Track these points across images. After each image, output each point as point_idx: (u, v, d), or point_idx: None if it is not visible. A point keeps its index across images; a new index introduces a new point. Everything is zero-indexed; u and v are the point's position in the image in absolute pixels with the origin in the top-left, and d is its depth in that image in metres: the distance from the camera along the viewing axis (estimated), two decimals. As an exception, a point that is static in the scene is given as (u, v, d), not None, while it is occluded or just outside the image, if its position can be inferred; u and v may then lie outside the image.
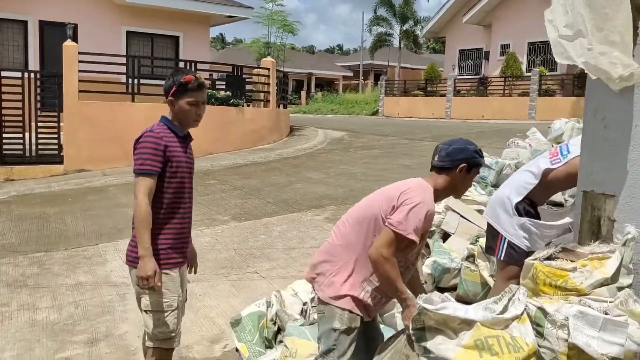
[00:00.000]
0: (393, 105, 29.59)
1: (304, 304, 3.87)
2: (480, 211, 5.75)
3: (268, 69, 15.25)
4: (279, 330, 3.74)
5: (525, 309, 1.95)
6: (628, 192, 2.31)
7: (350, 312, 2.56)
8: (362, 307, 2.57)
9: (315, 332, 3.47)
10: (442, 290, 4.73)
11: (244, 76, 15.21)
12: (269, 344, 3.69)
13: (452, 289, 4.79)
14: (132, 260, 2.95)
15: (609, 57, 2.25)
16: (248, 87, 15.57)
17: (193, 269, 3.37)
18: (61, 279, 5.78)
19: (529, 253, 3.32)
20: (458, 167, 2.59)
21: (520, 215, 3.29)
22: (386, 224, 2.48)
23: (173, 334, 2.98)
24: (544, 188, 3.28)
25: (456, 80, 26.87)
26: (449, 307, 1.91)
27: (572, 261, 2.29)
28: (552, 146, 8.02)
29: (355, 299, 2.55)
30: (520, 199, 3.30)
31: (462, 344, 1.84)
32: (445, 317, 1.87)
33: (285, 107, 17.53)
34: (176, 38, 17.63)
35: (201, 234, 7.19)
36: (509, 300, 2.01)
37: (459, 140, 2.71)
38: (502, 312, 1.96)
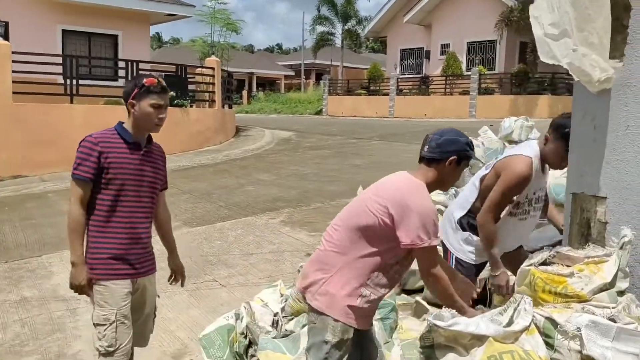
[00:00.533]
0: (337, 104, 29.66)
1: (275, 314, 3.71)
2: (440, 211, 5.74)
3: (213, 68, 14.90)
4: (250, 344, 3.56)
5: (532, 319, 1.86)
6: (621, 194, 2.28)
7: (344, 323, 2.41)
8: (358, 317, 2.43)
9: (289, 344, 3.32)
10: (408, 292, 4.67)
11: (187, 76, 14.79)
12: (240, 359, 3.50)
13: (419, 291, 4.73)
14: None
15: (589, 59, 2.20)
16: (192, 87, 15.16)
17: (180, 282, 3.35)
18: (3, 295, 5.37)
19: (478, 266, 3.37)
20: (448, 159, 2.45)
21: (464, 229, 3.34)
22: (415, 246, 2.32)
23: (111, 349, 2.84)
24: (483, 198, 3.23)
25: (399, 80, 27.20)
26: (460, 322, 1.80)
27: (567, 266, 2.23)
28: (504, 144, 8.16)
29: (352, 308, 2.41)
30: (463, 213, 3.36)
31: (475, 362, 1.73)
32: (456, 333, 1.77)
33: (230, 107, 17.20)
34: (115, 37, 16.96)
35: (152, 241, 6.85)
36: (514, 310, 1.92)
37: (450, 130, 2.56)
38: (509, 323, 1.87)
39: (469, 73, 24.52)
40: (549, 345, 1.89)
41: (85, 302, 5.09)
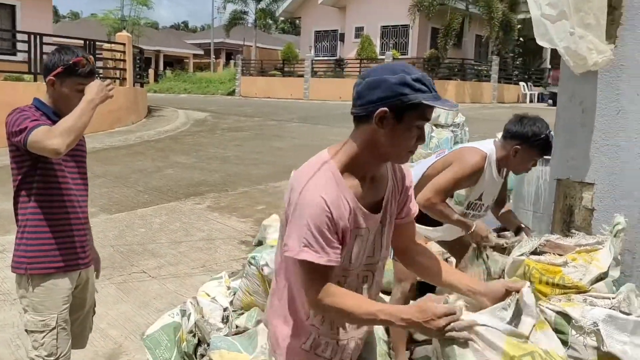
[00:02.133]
0: (250, 85, 29.09)
1: (225, 309, 3.43)
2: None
3: (124, 44, 14.01)
4: (200, 343, 3.27)
5: (537, 311, 1.73)
6: (610, 181, 2.22)
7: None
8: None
9: (245, 342, 3.07)
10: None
11: (96, 52, 13.82)
12: (189, 359, 3.21)
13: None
14: (16, 266, 2.49)
15: (586, 41, 2.12)
16: (100, 64, 14.18)
17: (95, 273, 2.87)
18: None
19: None
20: (374, 114, 1.52)
21: None
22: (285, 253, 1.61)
23: (52, 358, 2.49)
24: (421, 187, 3.05)
25: (313, 62, 27.05)
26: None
27: (560, 255, 2.15)
28: (432, 128, 8.24)
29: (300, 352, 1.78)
30: None
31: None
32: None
33: (142, 85, 16.31)
34: (12, 7, 15.51)
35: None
36: (516, 304, 1.79)
37: (379, 67, 1.60)
38: (515, 317, 1.73)
39: (383, 57, 24.79)
40: (563, 342, 1.78)
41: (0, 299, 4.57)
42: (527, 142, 2.78)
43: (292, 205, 1.57)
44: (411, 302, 3.15)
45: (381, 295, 3.82)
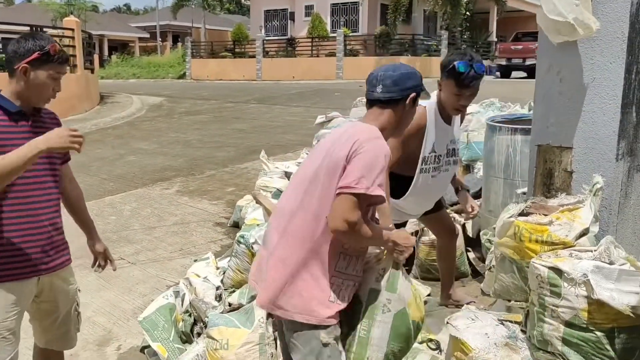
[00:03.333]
0: (201, 67, 28.68)
1: (217, 288, 3.51)
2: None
3: (72, 29, 13.60)
4: (195, 322, 3.35)
5: None
6: (587, 144, 2.40)
7: (327, 326, 2.01)
8: (338, 312, 2.04)
9: (242, 318, 3.16)
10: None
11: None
12: (186, 338, 3.29)
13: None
14: None
15: (584, 15, 2.26)
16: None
17: (111, 265, 2.98)
18: None
19: (397, 225, 3.13)
20: (409, 97, 2.10)
21: None
22: (340, 187, 1.91)
23: None
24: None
25: (264, 42, 26.86)
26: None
27: (545, 215, 2.32)
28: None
29: (331, 305, 2.01)
30: None
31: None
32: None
33: (92, 72, 15.88)
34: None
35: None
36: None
37: (399, 65, 2.22)
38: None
39: (334, 35, 24.84)
40: (556, 294, 1.96)
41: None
42: (443, 73, 2.84)
43: (363, 152, 1.94)
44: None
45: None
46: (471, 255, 4.41)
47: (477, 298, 3.82)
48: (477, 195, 4.53)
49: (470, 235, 4.46)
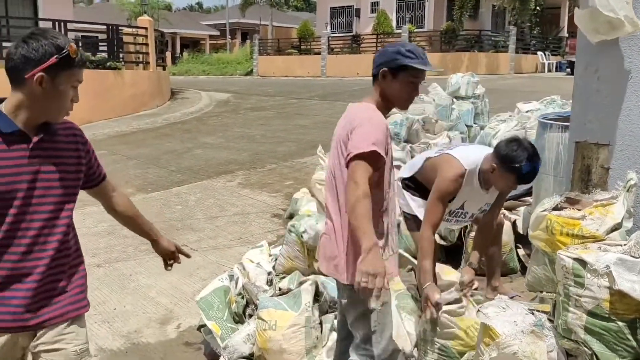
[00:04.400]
0: (268, 64, 29.26)
1: (269, 273, 3.73)
2: (397, 167, 5.89)
3: (146, 28, 14.28)
4: (247, 304, 3.58)
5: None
6: (624, 141, 2.44)
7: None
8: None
9: (290, 301, 3.36)
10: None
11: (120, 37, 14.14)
12: (239, 319, 3.52)
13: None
14: None
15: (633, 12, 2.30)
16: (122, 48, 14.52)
17: (183, 256, 2.53)
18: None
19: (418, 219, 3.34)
20: (380, 73, 2.26)
21: (406, 189, 3.48)
22: (345, 157, 2.17)
23: None
24: (422, 176, 3.36)
25: (330, 38, 27.09)
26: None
27: (578, 210, 2.38)
28: (452, 100, 8.38)
29: None
30: (407, 175, 3.49)
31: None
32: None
33: (164, 69, 16.61)
34: (34, -6, 15.82)
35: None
36: None
37: (392, 44, 2.37)
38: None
39: (399, 31, 24.75)
40: (579, 284, 2.04)
41: None
42: (503, 165, 2.75)
43: (357, 125, 2.16)
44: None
45: (409, 257, 4.11)
46: (521, 252, 4.43)
47: (524, 294, 3.87)
48: (527, 194, 4.54)
49: (520, 231, 4.48)
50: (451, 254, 4.51)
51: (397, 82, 2.25)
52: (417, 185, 3.45)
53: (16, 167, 1.79)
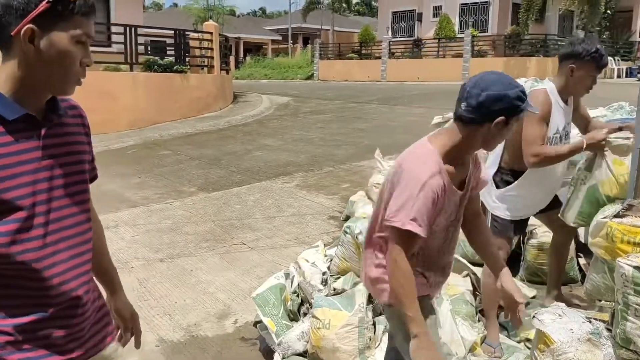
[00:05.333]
0: (328, 68, 29.47)
1: (324, 273, 3.79)
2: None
3: (211, 33, 14.71)
4: (302, 302, 3.65)
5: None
6: (692, 148, 2.36)
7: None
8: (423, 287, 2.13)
9: (344, 301, 3.41)
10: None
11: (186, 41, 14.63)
12: (293, 316, 3.60)
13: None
14: None
15: None
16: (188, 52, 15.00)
17: (133, 339, 1.90)
18: (32, 262, 5.40)
19: (515, 222, 3.30)
20: (494, 121, 1.91)
21: (497, 187, 3.30)
22: (387, 222, 1.96)
23: None
24: (510, 148, 3.23)
25: (391, 43, 27.02)
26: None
27: (641, 218, 2.32)
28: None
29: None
30: (494, 170, 3.31)
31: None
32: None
33: (227, 72, 17.04)
34: (106, 1, 16.58)
35: (171, 206, 6.92)
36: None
37: (494, 79, 1.95)
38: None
39: (462, 35, 24.42)
40: (639, 293, 1.99)
41: (118, 267, 5.16)
42: (580, 59, 3.03)
43: (402, 182, 1.93)
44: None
45: (467, 263, 4.08)
46: (582, 261, 4.31)
47: (584, 303, 3.77)
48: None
49: (582, 240, 4.37)
50: (509, 262, 4.44)
51: (506, 129, 1.96)
52: (514, 173, 3.28)
53: (26, 172, 1.35)
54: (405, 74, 25.37)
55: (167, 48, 15.47)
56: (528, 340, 3.13)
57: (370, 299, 3.39)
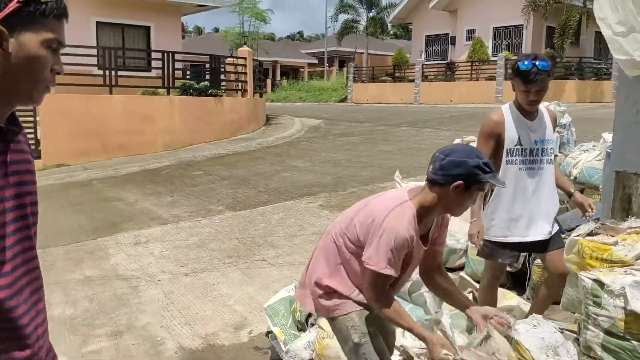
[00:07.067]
0: (362, 91, 29.84)
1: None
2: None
3: (245, 58, 15.25)
4: (310, 314, 3.88)
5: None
6: (660, 171, 2.53)
7: (356, 311, 2.40)
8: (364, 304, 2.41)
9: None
10: (450, 270, 4.94)
11: (221, 66, 15.21)
12: (301, 326, 3.83)
13: (459, 268, 5.01)
14: None
15: None
16: (223, 76, 15.56)
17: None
18: (68, 274, 5.78)
19: (501, 246, 3.28)
20: (452, 184, 2.16)
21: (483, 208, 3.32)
22: (366, 265, 2.25)
23: None
24: None
25: (424, 66, 27.24)
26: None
27: (612, 236, 2.50)
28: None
29: (349, 298, 2.41)
30: None
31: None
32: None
33: (261, 96, 17.55)
34: (147, 28, 17.36)
35: (199, 224, 7.26)
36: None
37: (460, 149, 2.27)
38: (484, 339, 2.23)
39: (495, 58, 24.47)
40: (597, 304, 2.17)
41: (146, 280, 5.51)
42: (513, 73, 3.12)
43: (377, 228, 2.22)
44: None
45: (471, 281, 4.24)
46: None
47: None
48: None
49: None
50: (517, 280, 4.58)
51: (466, 194, 2.20)
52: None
53: None
54: (438, 97, 25.52)
55: (206, 72, 16.06)
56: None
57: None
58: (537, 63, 3.00)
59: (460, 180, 2.15)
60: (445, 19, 28.70)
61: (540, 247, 3.22)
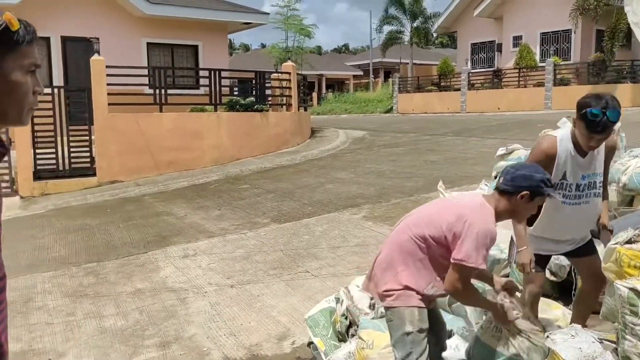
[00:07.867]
0: (407, 101, 29.72)
1: (372, 298, 4.04)
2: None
3: (289, 73, 15.48)
4: (350, 325, 3.92)
5: None
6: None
7: (418, 307, 2.70)
8: (426, 300, 2.74)
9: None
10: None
11: (266, 82, 15.51)
12: (342, 337, 3.87)
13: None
14: None
15: None
16: (269, 91, 15.85)
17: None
18: (119, 287, 6.00)
19: (541, 257, 3.28)
20: (519, 193, 2.61)
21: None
22: (455, 259, 2.58)
23: None
24: None
25: (470, 74, 26.94)
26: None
27: (651, 244, 2.45)
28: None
29: (418, 294, 2.71)
30: None
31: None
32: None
33: (305, 109, 17.76)
34: (195, 47, 17.89)
35: (245, 237, 7.41)
36: None
37: (529, 166, 2.76)
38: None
39: (543, 64, 23.98)
40: (634, 313, 2.13)
41: (193, 292, 5.67)
42: (577, 114, 2.96)
43: (471, 229, 2.54)
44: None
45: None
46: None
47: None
48: None
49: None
50: (563, 290, 4.50)
51: (530, 204, 2.65)
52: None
53: None
54: (485, 105, 25.17)
55: (252, 88, 16.40)
56: None
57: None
58: (607, 113, 2.85)
59: (527, 191, 2.59)
60: (490, 26, 28.34)
61: (573, 254, 3.28)
